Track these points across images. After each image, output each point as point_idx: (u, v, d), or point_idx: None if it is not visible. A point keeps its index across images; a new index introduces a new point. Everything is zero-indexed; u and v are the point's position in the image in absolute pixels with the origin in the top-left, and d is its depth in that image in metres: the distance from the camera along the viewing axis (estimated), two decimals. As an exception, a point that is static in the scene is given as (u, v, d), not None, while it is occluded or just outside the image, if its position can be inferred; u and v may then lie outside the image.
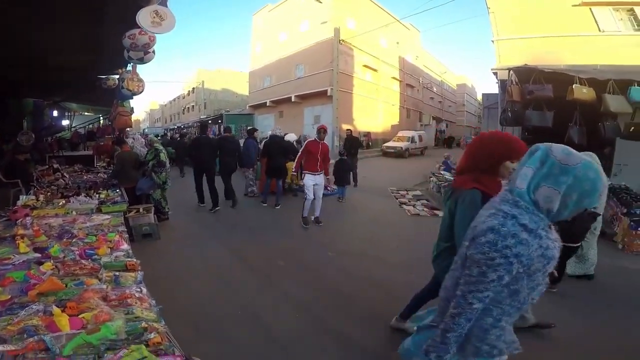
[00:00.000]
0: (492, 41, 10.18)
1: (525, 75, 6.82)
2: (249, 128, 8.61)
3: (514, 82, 6.97)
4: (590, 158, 1.08)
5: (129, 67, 4.26)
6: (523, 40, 9.63)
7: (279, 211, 6.56)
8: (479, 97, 52.11)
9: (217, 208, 6.45)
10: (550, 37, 9.17)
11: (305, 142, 5.54)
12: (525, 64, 7.02)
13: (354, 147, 9.62)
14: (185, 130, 23.11)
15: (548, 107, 6.68)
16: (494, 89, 9.52)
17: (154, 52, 3.13)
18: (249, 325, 2.79)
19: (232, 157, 6.90)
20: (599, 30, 8.91)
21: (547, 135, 8.17)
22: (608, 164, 6.13)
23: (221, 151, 6.76)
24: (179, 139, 14.03)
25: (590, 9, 8.98)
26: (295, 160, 5.61)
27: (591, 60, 7.97)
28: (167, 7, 2.67)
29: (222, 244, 4.81)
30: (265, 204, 6.98)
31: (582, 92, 6.18)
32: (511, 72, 7.01)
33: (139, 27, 2.72)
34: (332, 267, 4.06)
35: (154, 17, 2.61)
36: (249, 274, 3.86)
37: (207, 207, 6.59)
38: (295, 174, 6.00)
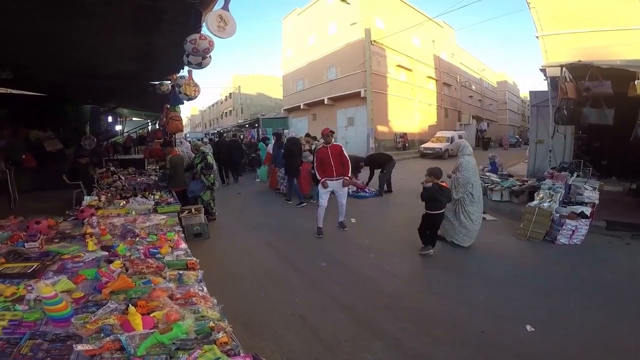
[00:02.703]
0: (537, 37, 9.55)
1: (580, 71, 6.32)
2: (274, 132, 10.29)
3: (568, 79, 6.48)
4: None
5: (182, 73, 4.45)
6: (570, 35, 8.90)
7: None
8: (522, 95, 49.17)
9: (224, 184, 9.92)
10: (600, 31, 8.43)
11: (316, 149, 5.45)
12: (579, 60, 6.50)
13: (379, 163, 8.63)
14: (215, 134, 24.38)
15: (607, 104, 6.15)
16: (539, 86, 8.90)
17: (210, 57, 3.22)
18: (296, 326, 2.81)
19: (239, 153, 11.00)
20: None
21: (603, 133, 7.48)
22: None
23: (229, 150, 10.48)
24: (208, 141, 15.27)
25: (641, 1, 8.12)
26: (315, 169, 5.28)
27: (651, 54, 7.21)
28: (229, 12, 2.75)
29: (266, 244, 4.93)
30: (290, 201, 7.56)
31: (645, 89, 5.64)
32: (564, 69, 6.51)
33: (199, 32, 2.82)
34: (374, 268, 4.02)
35: (219, 22, 2.69)
36: (293, 274, 3.90)
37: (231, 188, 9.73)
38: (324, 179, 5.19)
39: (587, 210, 4.92)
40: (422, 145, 20.14)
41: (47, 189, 7.47)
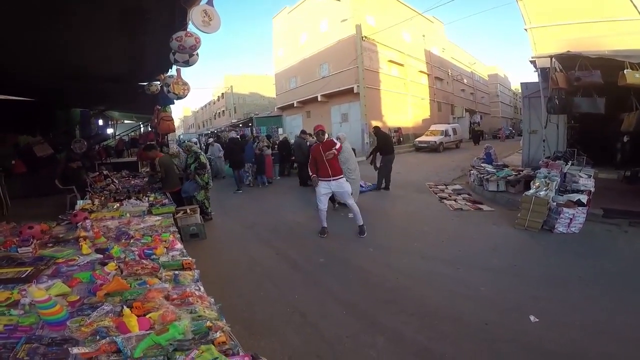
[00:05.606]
0: (525, 29, 9.57)
1: (569, 62, 6.36)
2: (238, 136, 12.07)
3: (558, 70, 6.53)
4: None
5: (171, 72, 4.36)
6: (558, 27, 8.95)
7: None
8: (513, 87, 49.41)
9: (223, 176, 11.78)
10: (587, 23, 8.49)
11: (310, 147, 5.43)
12: (569, 51, 6.53)
13: (386, 145, 8.39)
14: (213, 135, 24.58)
15: (598, 93, 6.20)
16: (530, 77, 8.88)
17: (197, 54, 3.16)
18: (296, 323, 2.78)
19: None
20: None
21: (594, 121, 7.52)
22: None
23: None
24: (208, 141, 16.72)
25: (626, -8, 8.17)
26: (309, 168, 5.01)
27: (636, 44, 7.27)
28: (213, 7, 2.69)
29: (264, 242, 4.90)
30: (241, 191, 8.96)
31: (635, 77, 5.68)
32: (554, 59, 6.54)
33: (185, 30, 2.77)
34: (375, 263, 3.98)
35: (204, 17, 2.64)
36: (292, 271, 3.87)
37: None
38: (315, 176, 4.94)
39: (584, 198, 4.93)
40: (417, 139, 20.19)
41: (39, 194, 7.36)
